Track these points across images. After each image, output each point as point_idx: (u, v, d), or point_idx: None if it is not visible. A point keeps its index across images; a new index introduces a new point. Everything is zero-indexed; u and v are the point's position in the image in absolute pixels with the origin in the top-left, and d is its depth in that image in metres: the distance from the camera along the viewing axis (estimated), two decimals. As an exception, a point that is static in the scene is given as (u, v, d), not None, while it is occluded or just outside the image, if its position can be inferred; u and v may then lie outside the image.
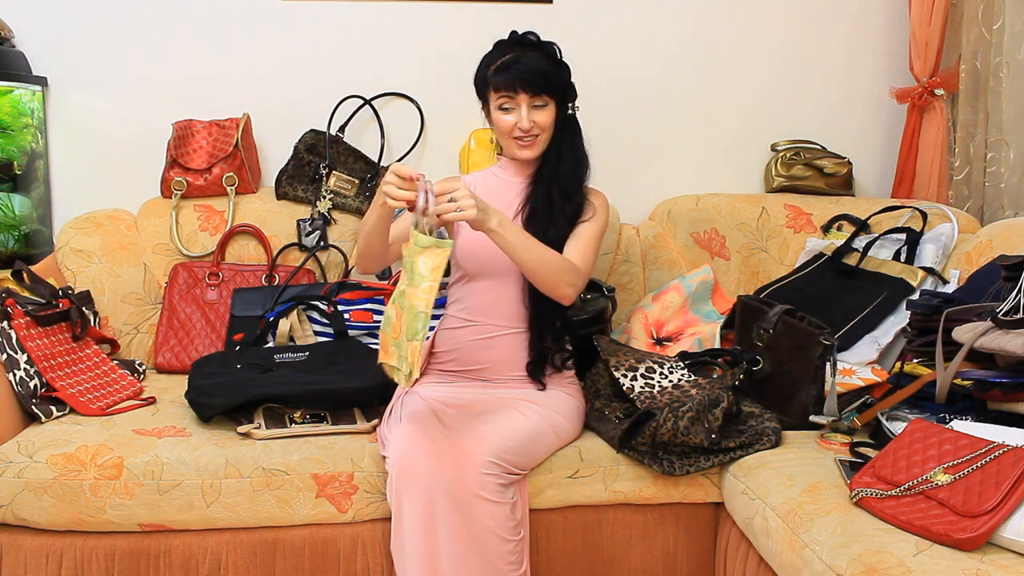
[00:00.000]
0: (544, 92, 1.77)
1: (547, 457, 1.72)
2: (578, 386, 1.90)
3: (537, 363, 1.81)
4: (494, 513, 1.53)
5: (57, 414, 1.79)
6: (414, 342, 1.44)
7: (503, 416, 1.67)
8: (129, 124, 2.42)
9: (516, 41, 1.81)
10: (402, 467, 1.56)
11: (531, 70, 1.75)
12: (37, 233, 2.36)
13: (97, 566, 1.64)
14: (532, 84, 1.75)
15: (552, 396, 1.80)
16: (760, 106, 2.62)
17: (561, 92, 1.81)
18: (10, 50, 2.29)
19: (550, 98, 1.78)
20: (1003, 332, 1.48)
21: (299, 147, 2.35)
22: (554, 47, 1.83)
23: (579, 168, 1.86)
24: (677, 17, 2.56)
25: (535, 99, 1.77)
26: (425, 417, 1.65)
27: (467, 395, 1.78)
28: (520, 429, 1.65)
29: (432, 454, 1.54)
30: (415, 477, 1.54)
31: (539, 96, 1.77)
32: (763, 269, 2.40)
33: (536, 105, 1.77)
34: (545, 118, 1.78)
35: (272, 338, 2.08)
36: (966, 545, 1.25)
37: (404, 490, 1.55)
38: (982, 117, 2.39)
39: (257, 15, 2.44)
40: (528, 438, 1.65)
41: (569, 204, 1.82)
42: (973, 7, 2.37)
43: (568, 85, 1.84)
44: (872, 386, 1.84)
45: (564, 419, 1.76)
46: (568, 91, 1.84)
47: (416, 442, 1.57)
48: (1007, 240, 2.02)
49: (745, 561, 1.67)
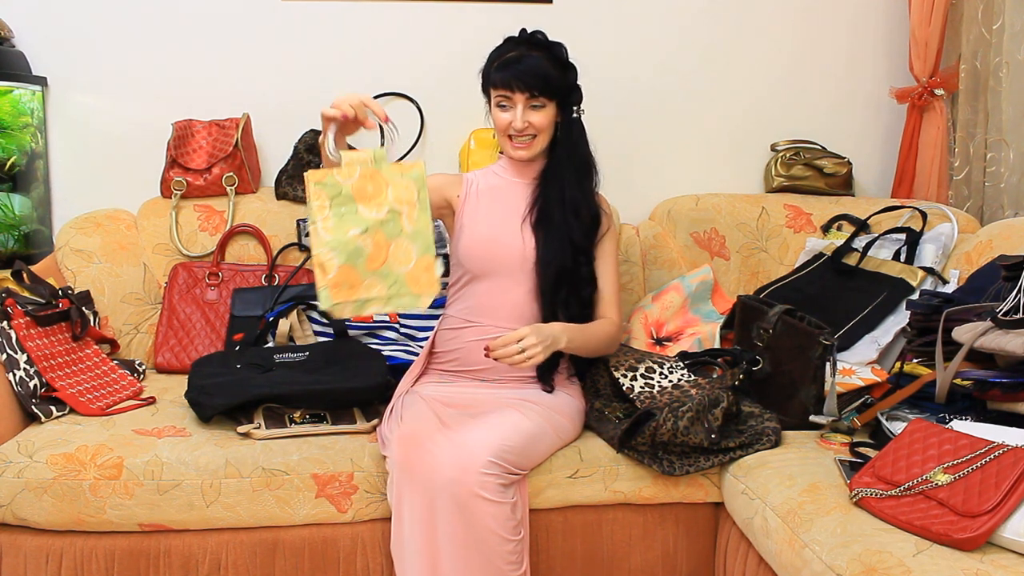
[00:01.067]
0: (542, 94, 1.76)
1: (548, 457, 1.73)
2: (578, 386, 1.90)
3: (547, 367, 1.80)
4: (494, 513, 1.53)
5: (57, 414, 1.79)
6: (427, 255, 1.44)
7: (503, 416, 1.67)
8: (129, 124, 2.43)
9: (523, 39, 1.81)
10: (403, 467, 1.56)
11: (530, 70, 1.75)
12: (37, 233, 2.36)
13: (97, 566, 1.64)
14: (529, 84, 1.75)
15: (553, 396, 1.80)
16: (760, 106, 2.62)
17: (564, 94, 1.80)
18: (10, 50, 2.29)
19: (548, 100, 1.77)
20: (1003, 332, 1.48)
21: (299, 147, 2.35)
22: (561, 48, 1.82)
23: (586, 176, 1.85)
24: (677, 17, 2.56)
25: (532, 100, 1.76)
26: (426, 417, 1.65)
27: (467, 395, 1.78)
28: (521, 429, 1.65)
29: (432, 454, 1.54)
30: (415, 477, 1.54)
31: (536, 97, 1.76)
32: (763, 269, 2.40)
33: (533, 106, 1.77)
34: (541, 119, 1.77)
35: (272, 338, 2.08)
36: (966, 545, 1.25)
37: (405, 490, 1.55)
38: (982, 117, 2.39)
39: (257, 15, 2.44)
40: (529, 438, 1.65)
41: (579, 218, 1.82)
42: (973, 7, 2.37)
43: (572, 88, 1.83)
44: (872, 386, 1.84)
45: (565, 419, 1.76)
46: (572, 94, 1.83)
47: (417, 442, 1.57)
48: (1007, 240, 2.02)
49: (745, 561, 1.67)
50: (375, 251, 1.44)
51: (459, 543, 1.53)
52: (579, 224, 1.82)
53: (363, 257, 1.44)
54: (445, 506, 1.52)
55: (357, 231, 1.43)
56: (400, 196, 1.45)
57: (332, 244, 1.42)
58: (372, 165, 1.44)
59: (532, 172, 1.88)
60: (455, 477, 1.52)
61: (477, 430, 1.60)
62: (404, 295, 1.45)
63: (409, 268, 1.44)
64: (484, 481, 1.53)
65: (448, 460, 1.53)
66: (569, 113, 1.83)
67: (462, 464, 1.53)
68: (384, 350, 2.08)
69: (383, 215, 1.44)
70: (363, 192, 1.44)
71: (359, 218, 1.43)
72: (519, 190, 1.88)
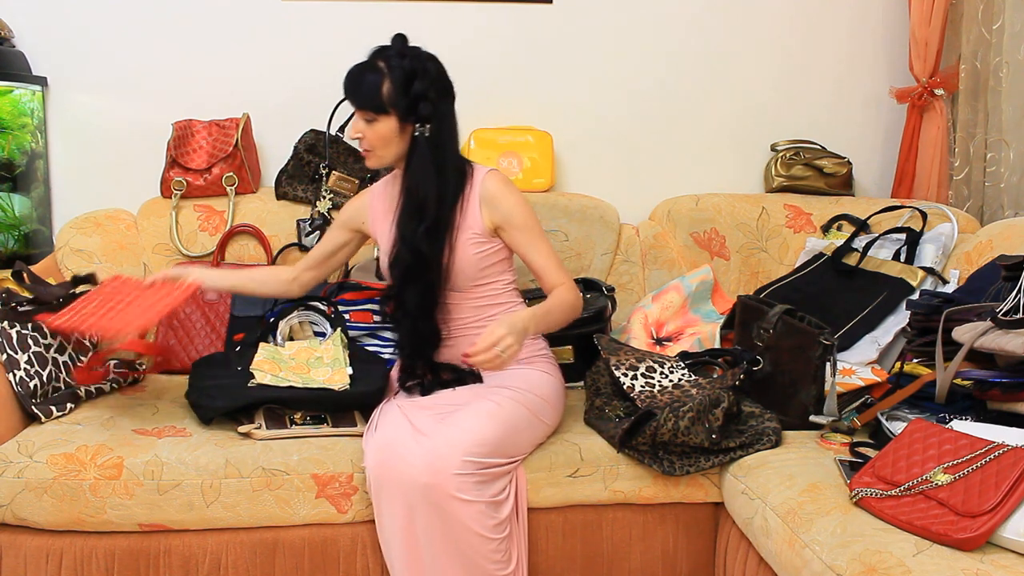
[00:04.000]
0: (367, 108, 1.72)
1: (536, 442, 1.73)
2: (552, 360, 1.89)
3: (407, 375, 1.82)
4: (472, 514, 1.54)
5: (57, 414, 1.79)
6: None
7: (475, 410, 1.65)
8: (129, 124, 2.43)
9: (378, 49, 1.76)
10: (378, 475, 1.58)
11: (357, 82, 1.72)
12: (37, 233, 2.36)
13: (97, 566, 1.64)
14: (356, 96, 1.72)
15: (526, 376, 1.78)
16: (760, 106, 2.62)
17: (401, 110, 1.71)
18: (10, 50, 2.29)
19: (377, 115, 1.71)
20: (1003, 332, 1.48)
21: (299, 147, 2.35)
22: (415, 62, 1.72)
23: (443, 182, 1.77)
24: (677, 17, 2.56)
25: (363, 112, 1.73)
26: (398, 423, 1.64)
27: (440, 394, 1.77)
28: (495, 419, 1.63)
29: (406, 461, 1.55)
30: (391, 485, 1.56)
31: (364, 111, 1.73)
32: (763, 269, 2.40)
33: (366, 119, 1.73)
34: (372, 134, 1.73)
35: (272, 339, 2.08)
36: (966, 545, 1.25)
37: (383, 498, 1.57)
38: (982, 117, 2.39)
39: (257, 15, 2.44)
40: (505, 427, 1.64)
41: (423, 220, 1.75)
42: (973, 7, 2.37)
43: (412, 105, 1.71)
44: (872, 386, 1.85)
45: (540, 399, 1.74)
46: (414, 109, 1.72)
47: (390, 449, 1.58)
48: (1007, 240, 2.02)
49: (745, 561, 1.67)
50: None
51: (439, 546, 1.54)
52: (424, 227, 1.75)
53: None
54: (423, 511, 1.53)
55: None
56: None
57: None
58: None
59: (399, 181, 1.83)
60: (429, 482, 1.52)
61: (447, 430, 1.59)
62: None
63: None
64: (459, 483, 1.53)
65: (421, 465, 1.54)
66: (413, 130, 1.74)
67: (435, 468, 1.53)
68: (384, 352, 2.08)
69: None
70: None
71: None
72: (393, 192, 1.86)
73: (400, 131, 1.74)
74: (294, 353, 1.92)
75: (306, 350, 1.93)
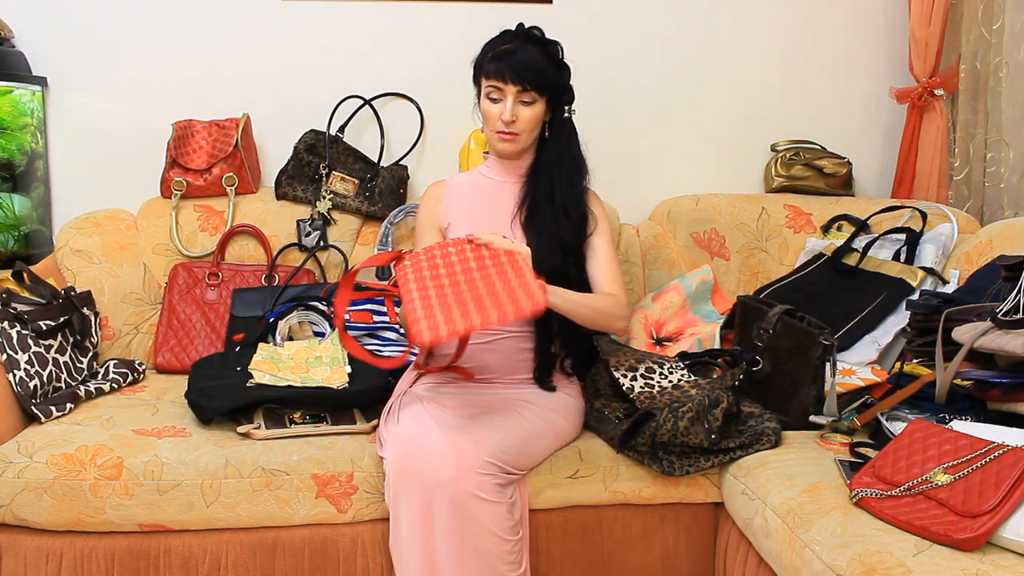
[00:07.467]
0: (533, 88, 1.75)
1: (546, 457, 1.72)
2: (578, 386, 1.90)
3: (543, 367, 1.80)
4: (492, 513, 1.53)
5: (57, 414, 1.79)
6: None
7: (500, 417, 1.67)
8: (129, 124, 2.43)
9: (520, 33, 1.80)
10: (399, 468, 1.56)
11: (524, 64, 1.73)
12: (37, 233, 2.36)
13: (97, 566, 1.64)
14: (522, 77, 1.73)
15: (551, 397, 1.80)
16: (760, 106, 2.62)
17: (555, 92, 1.79)
18: (10, 50, 2.29)
19: (539, 96, 1.76)
20: (1003, 332, 1.48)
21: (299, 147, 2.35)
22: (557, 47, 1.82)
23: (577, 175, 1.84)
24: (677, 17, 2.56)
25: (523, 94, 1.75)
26: (422, 418, 1.65)
27: (464, 396, 1.77)
28: (518, 430, 1.65)
29: (429, 454, 1.54)
30: (412, 478, 1.54)
31: (527, 92, 1.75)
32: (763, 269, 2.40)
33: (523, 100, 1.76)
34: (529, 115, 1.76)
35: (272, 339, 2.08)
36: (966, 545, 1.25)
37: (401, 491, 1.55)
38: (982, 117, 2.39)
39: (257, 15, 2.44)
40: (526, 439, 1.65)
41: (569, 217, 1.81)
42: (973, 7, 2.37)
43: (564, 87, 1.82)
44: (872, 386, 1.84)
45: (563, 419, 1.76)
46: (564, 93, 1.82)
47: (413, 442, 1.57)
48: (1007, 240, 2.02)
49: (745, 561, 1.67)
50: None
51: (456, 543, 1.52)
52: (568, 223, 1.81)
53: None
54: (442, 506, 1.52)
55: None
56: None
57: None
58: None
59: (519, 170, 1.87)
60: (452, 477, 1.52)
61: (474, 430, 1.60)
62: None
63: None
64: (481, 481, 1.53)
65: (445, 460, 1.53)
66: (560, 112, 1.82)
67: (459, 464, 1.53)
68: (384, 350, 2.08)
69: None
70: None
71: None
72: (506, 189, 1.87)
73: (543, 116, 1.78)
74: (293, 353, 1.91)
75: (305, 350, 1.92)
